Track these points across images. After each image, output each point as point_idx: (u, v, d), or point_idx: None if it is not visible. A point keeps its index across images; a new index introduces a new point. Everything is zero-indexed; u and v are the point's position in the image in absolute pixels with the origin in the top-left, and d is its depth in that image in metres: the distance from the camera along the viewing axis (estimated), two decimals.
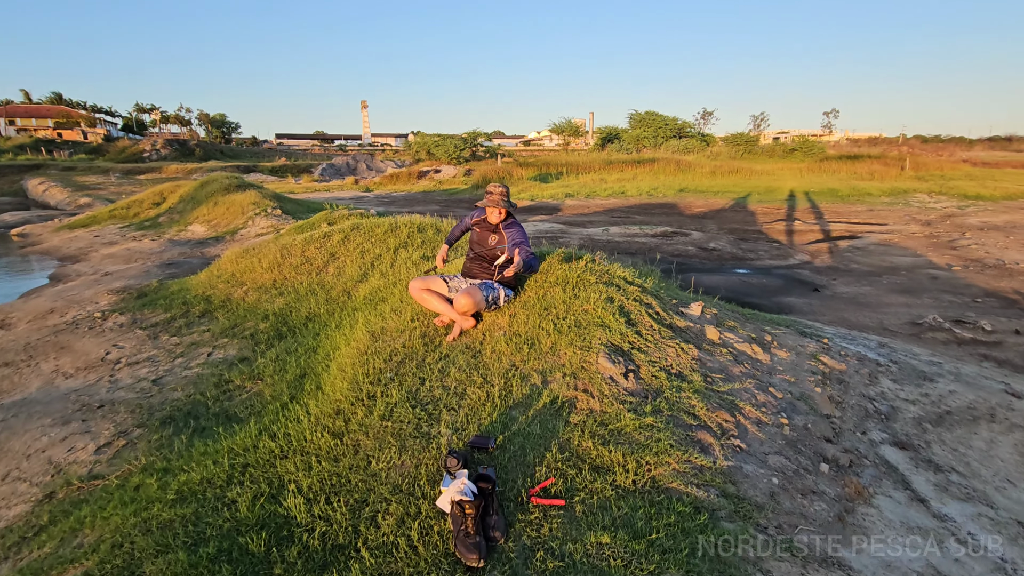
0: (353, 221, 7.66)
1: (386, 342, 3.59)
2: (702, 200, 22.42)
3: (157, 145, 57.04)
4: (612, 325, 3.31)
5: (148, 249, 12.32)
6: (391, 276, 5.60)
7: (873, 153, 38.85)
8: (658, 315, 3.73)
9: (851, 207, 19.41)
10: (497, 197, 3.64)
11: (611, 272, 4.05)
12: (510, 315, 3.55)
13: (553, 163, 36.00)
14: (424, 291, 3.64)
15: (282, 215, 14.40)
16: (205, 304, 6.36)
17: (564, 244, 12.26)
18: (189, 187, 18.50)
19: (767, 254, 11.10)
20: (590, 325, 3.29)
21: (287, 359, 4.34)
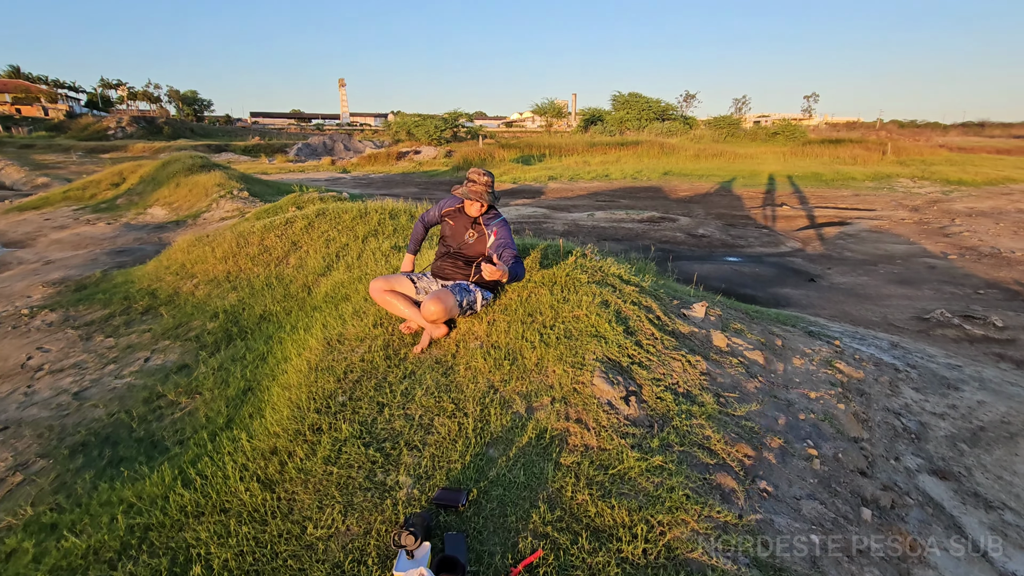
0: (319, 206, 7.01)
1: (342, 353, 3.04)
2: (687, 184, 22.04)
3: (123, 122, 54.57)
4: (608, 335, 2.80)
5: (100, 234, 11.45)
6: (357, 269, 5.01)
7: (852, 137, 38.92)
8: (659, 320, 3.24)
9: (836, 192, 19.20)
10: (481, 188, 3.08)
11: (605, 270, 3.54)
12: (488, 322, 3.02)
13: (535, 145, 35.31)
14: (387, 293, 3.09)
15: (249, 198, 13.57)
16: (150, 299, 5.70)
17: (548, 230, 11.72)
18: (150, 167, 17.42)
19: (757, 241, 10.73)
20: (583, 335, 2.78)
21: (232, 369, 3.76)
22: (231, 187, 14.07)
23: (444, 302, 2.83)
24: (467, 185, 3.11)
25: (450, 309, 2.87)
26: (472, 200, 3.08)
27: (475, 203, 3.09)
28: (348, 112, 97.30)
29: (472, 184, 3.10)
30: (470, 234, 3.13)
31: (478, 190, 3.08)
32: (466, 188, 3.10)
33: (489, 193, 3.09)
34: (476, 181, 3.09)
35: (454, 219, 3.21)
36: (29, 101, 65.15)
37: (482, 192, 3.08)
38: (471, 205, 3.11)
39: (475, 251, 3.11)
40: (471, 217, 3.16)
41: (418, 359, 2.88)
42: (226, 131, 66.36)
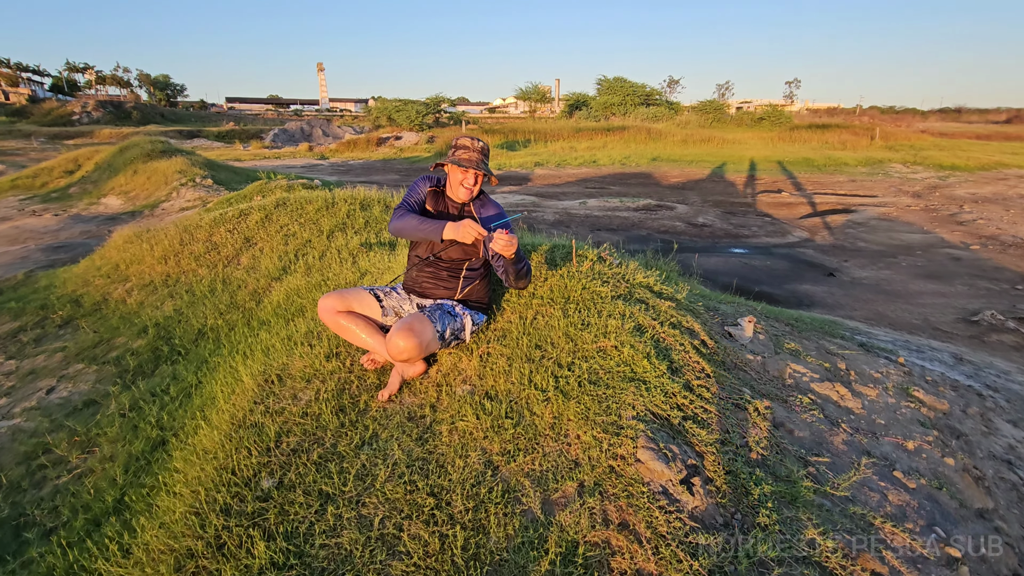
0: (279, 196, 6.09)
1: (281, 400, 2.21)
2: (677, 170, 21.36)
3: (88, 107, 52.12)
4: (649, 377, 2.01)
5: (43, 227, 10.34)
6: (317, 273, 4.15)
7: (836, 122, 38.62)
8: (707, 348, 2.46)
9: (831, 177, 18.65)
10: (475, 155, 2.26)
11: (629, 278, 2.74)
12: (482, 356, 2.21)
13: (520, 130, 34.35)
14: (342, 315, 2.25)
15: (213, 185, 12.50)
16: (71, 308, 4.78)
17: (538, 220, 10.89)
18: (107, 153, 16.17)
19: (762, 230, 10.04)
20: (614, 379, 1.98)
21: (147, 410, 2.90)
22: (194, 174, 12.96)
23: (418, 335, 2.01)
24: (455, 153, 2.27)
25: (426, 344, 2.05)
26: (464, 169, 2.22)
27: (466, 178, 2.25)
28: (327, 97, 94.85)
29: (462, 150, 2.25)
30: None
31: (471, 156, 2.23)
32: (455, 155, 2.26)
33: (484, 163, 2.25)
34: (468, 147, 2.24)
35: (435, 205, 2.38)
36: None
37: (476, 158, 2.23)
38: (459, 182, 2.27)
39: (464, 253, 2.29)
40: (458, 203, 2.33)
41: (384, 412, 2.07)
42: (200, 116, 63.94)
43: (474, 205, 2.35)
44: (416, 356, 2.03)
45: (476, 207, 2.35)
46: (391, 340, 1.99)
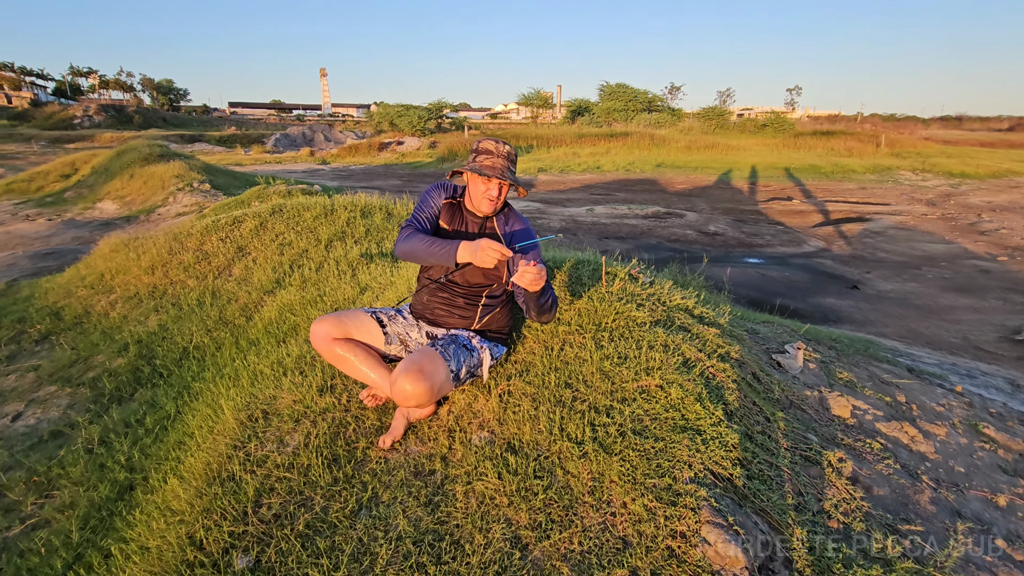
0: (275, 202, 5.78)
1: (265, 445, 1.88)
2: (683, 176, 21.11)
3: (90, 111, 52.03)
4: (704, 425, 1.67)
5: (34, 232, 10.03)
6: (313, 287, 3.83)
7: (838, 129, 38.48)
8: (759, 383, 2.13)
9: (840, 184, 18.35)
10: (501, 162, 1.90)
11: (665, 300, 2.41)
12: (501, 395, 1.88)
13: (522, 136, 34.22)
14: (338, 343, 1.92)
15: (211, 191, 12.20)
16: (51, 321, 4.45)
17: (544, 227, 10.58)
18: (104, 156, 15.90)
19: (776, 239, 9.71)
20: (662, 427, 1.65)
21: (118, 444, 2.57)
22: (191, 179, 12.67)
23: (429, 377, 1.68)
24: (477, 159, 1.91)
25: (439, 388, 1.72)
26: (487, 178, 1.89)
27: (489, 188, 1.91)
28: (330, 103, 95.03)
29: (486, 155, 1.90)
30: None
31: (498, 163, 1.89)
32: (477, 162, 1.90)
33: (511, 171, 1.91)
34: (492, 152, 1.90)
35: (450, 220, 2.05)
36: None
37: (503, 166, 1.90)
38: (482, 194, 1.92)
39: (485, 277, 1.96)
40: (480, 217, 2.00)
41: (385, 463, 1.74)
42: (202, 121, 63.88)
43: (497, 220, 2.02)
44: (426, 402, 1.70)
45: (499, 222, 2.02)
46: (397, 383, 1.66)
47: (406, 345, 2.03)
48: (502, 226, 2.01)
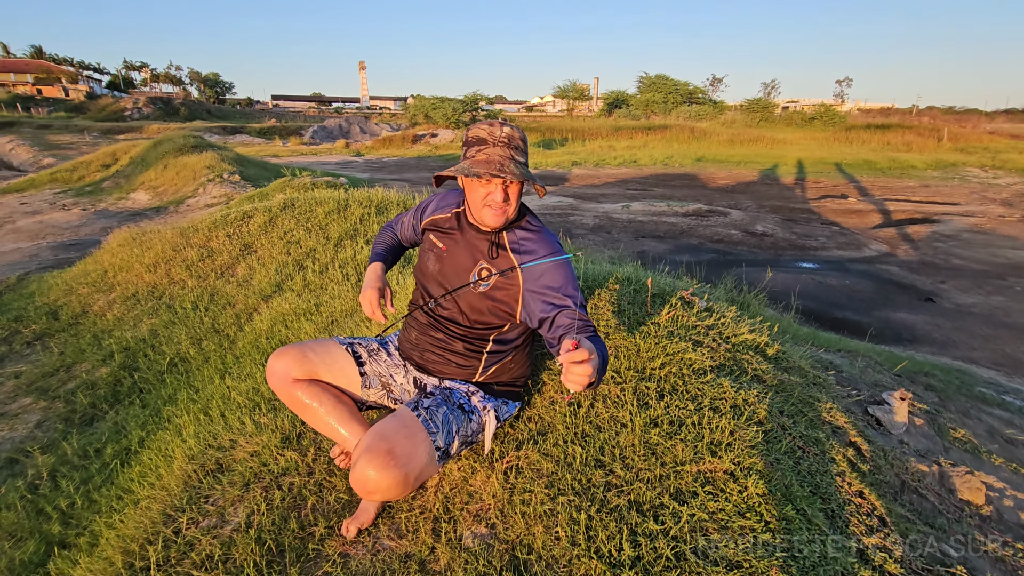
0: (287, 196, 5.42)
1: (203, 522, 1.44)
2: (724, 171, 20.11)
3: (139, 103, 53.89)
4: (802, 540, 1.13)
5: (66, 222, 10.07)
6: (311, 294, 3.41)
7: (893, 123, 36.24)
8: (863, 459, 1.56)
9: (899, 182, 17.04)
10: (499, 152, 1.33)
11: (725, 332, 1.86)
12: (507, 471, 1.39)
13: (557, 129, 33.56)
14: (302, 387, 1.46)
15: (240, 182, 12.09)
16: (47, 321, 4.19)
17: (576, 224, 10.00)
18: (142, 147, 16.10)
19: (831, 242, 8.87)
20: (739, 544, 1.12)
21: (62, 486, 2.19)
22: (222, 170, 12.60)
23: (403, 462, 1.19)
24: (468, 154, 1.37)
25: (416, 475, 1.23)
26: (482, 178, 1.32)
27: (491, 193, 1.35)
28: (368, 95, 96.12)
29: (479, 148, 1.34)
30: (481, 271, 1.45)
31: (494, 156, 1.33)
32: (472, 157, 1.35)
33: (519, 162, 1.34)
34: (487, 140, 1.33)
35: (445, 238, 1.53)
36: (50, 82, 65.08)
37: (503, 160, 1.32)
38: (482, 201, 1.37)
39: (491, 312, 1.44)
40: (486, 231, 1.45)
41: (344, 565, 1.26)
42: (244, 113, 65.41)
43: (509, 238, 1.44)
44: (397, 496, 1.21)
45: (512, 242, 1.43)
46: (357, 467, 1.18)
47: (389, 390, 1.56)
48: (515, 245, 1.42)
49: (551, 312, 1.29)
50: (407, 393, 1.56)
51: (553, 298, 1.32)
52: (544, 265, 1.37)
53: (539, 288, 1.35)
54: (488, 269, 1.42)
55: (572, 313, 1.27)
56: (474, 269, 1.44)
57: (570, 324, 1.23)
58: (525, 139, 1.37)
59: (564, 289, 1.33)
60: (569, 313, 1.27)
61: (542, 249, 1.41)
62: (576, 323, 1.23)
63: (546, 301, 1.32)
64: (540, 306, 1.33)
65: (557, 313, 1.28)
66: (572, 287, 1.35)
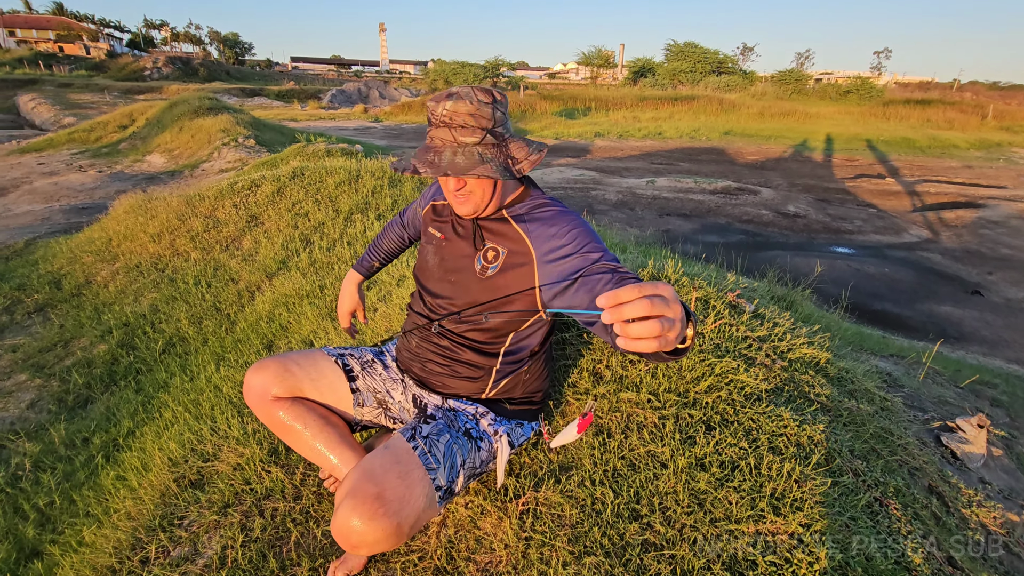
0: (296, 165, 5.17)
1: (170, 553, 1.26)
2: (753, 146, 19.33)
3: (158, 63, 53.61)
4: None
5: (80, 184, 9.99)
6: (319, 272, 3.20)
7: (934, 98, 34.50)
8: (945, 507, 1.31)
9: (940, 162, 16.16)
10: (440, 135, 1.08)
11: (779, 346, 1.59)
12: (523, 514, 1.16)
13: (580, 98, 32.61)
14: (284, 406, 1.25)
15: (255, 147, 11.87)
16: (50, 291, 4.07)
17: (598, 200, 9.63)
18: (158, 108, 15.91)
19: (868, 225, 8.39)
20: None
21: (43, 481, 2.05)
22: (236, 133, 12.37)
23: (394, 510, 0.97)
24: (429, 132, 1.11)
25: (410, 523, 1.00)
26: (416, 172, 1.07)
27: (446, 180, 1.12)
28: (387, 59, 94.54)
29: (428, 128, 1.12)
30: (487, 252, 1.18)
31: (442, 142, 1.08)
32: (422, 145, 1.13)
33: (464, 149, 1.06)
34: (431, 120, 1.09)
35: (444, 225, 1.28)
36: (71, 39, 65.07)
37: (440, 147, 1.07)
38: (449, 192, 1.14)
39: (509, 317, 1.20)
40: (469, 211, 1.17)
41: None
42: (263, 75, 64.85)
43: (512, 214, 1.18)
44: (388, 548, 1.00)
45: (516, 215, 1.17)
46: (339, 516, 0.97)
47: (386, 408, 1.34)
48: (521, 217, 1.17)
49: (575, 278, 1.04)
50: (406, 412, 1.34)
51: (576, 260, 1.06)
52: (559, 230, 1.12)
53: (557, 255, 1.10)
54: (495, 249, 1.17)
55: (604, 267, 1.01)
56: (475, 257, 1.19)
57: (607, 278, 0.97)
58: (486, 107, 1.07)
59: (587, 248, 1.07)
60: (600, 267, 1.01)
61: (558, 218, 1.14)
62: (613, 275, 0.97)
63: (568, 266, 1.07)
64: (563, 278, 1.07)
65: (581, 273, 1.03)
66: (597, 244, 1.08)
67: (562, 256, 1.08)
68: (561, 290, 1.06)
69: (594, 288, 0.98)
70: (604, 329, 0.93)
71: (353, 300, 1.55)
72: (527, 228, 1.15)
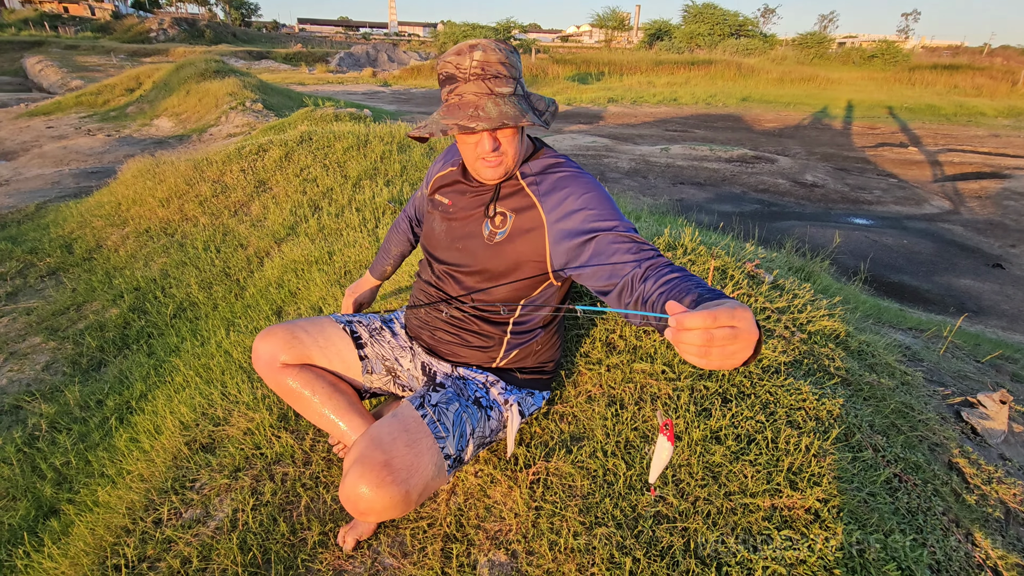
0: (304, 129, 5.08)
1: (183, 514, 1.27)
2: (772, 113, 18.79)
3: (164, 24, 52.69)
4: None
5: (89, 148, 9.95)
6: (328, 238, 3.17)
7: (962, 63, 33.13)
8: (965, 483, 1.29)
9: (966, 130, 15.62)
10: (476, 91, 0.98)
11: (799, 318, 1.55)
12: (533, 485, 1.15)
13: (593, 62, 31.75)
14: (292, 373, 1.23)
15: (263, 111, 11.71)
16: (61, 255, 4.09)
17: (610, 167, 9.45)
18: (164, 71, 15.71)
19: (888, 195, 8.17)
20: None
21: (59, 441, 2.08)
22: (244, 97, 12.21)
23: (402, 477, 0.96)
24: (444, 96, 1.05)
25: (419, 491, 0.99)
26: (465, 130, 0.97)
27: (479, 144, 1.03)
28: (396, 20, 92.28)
29: (451, 88, 1.01)
30: (495, 217, 1.13)
31: (469, 97, 0.98)
32: (440, 112, 1.04)
33: (503, 99, 0.98)
34: (456, 75, 0.99)
35: (450, 191, 1.23)
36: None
37: (479, 101, 0.97)
38: (473, 154, 1.06)
39: (512, 275, 1.14)
40: (487, 187, 1.15)
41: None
42: (270, 37, 63.58)
43: (523, 171, 1.12)
44: (397, 515, 0.99)
45: (527, 176, 1.11)
46: (347, 482, 0.95)
47: (395, 376, 1.32)
48: (533, 183, 1.11)
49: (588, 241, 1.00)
50: (415, 380, 1.32)
51: (590, 228, 1.01)
52: (572, 194, 1.06)
53: (569, 222, 1.04)
54: (502, 213, 1.12)
55: (621, 236, 0.97)
56: (483, 222, 1.15)
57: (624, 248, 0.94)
58: (512, 56, 1.01)
59: (603, 216, 1.02)
60: (616, 237, 0.97)
61: (571, 181, 1.09)
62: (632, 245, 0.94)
63: (581, 232, 1.02)
64: (574, 241, 1.03)
65: (595, 238, 0.99)
66: (612, 210, 1.04)
67: (575, 224, 1.03)
68: (573, 258, 1.02)
69: (610, 260, 0.94)
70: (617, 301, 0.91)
71: (368, 293, 1.59)
72: (538, 191, 1.10)
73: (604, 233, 0.97)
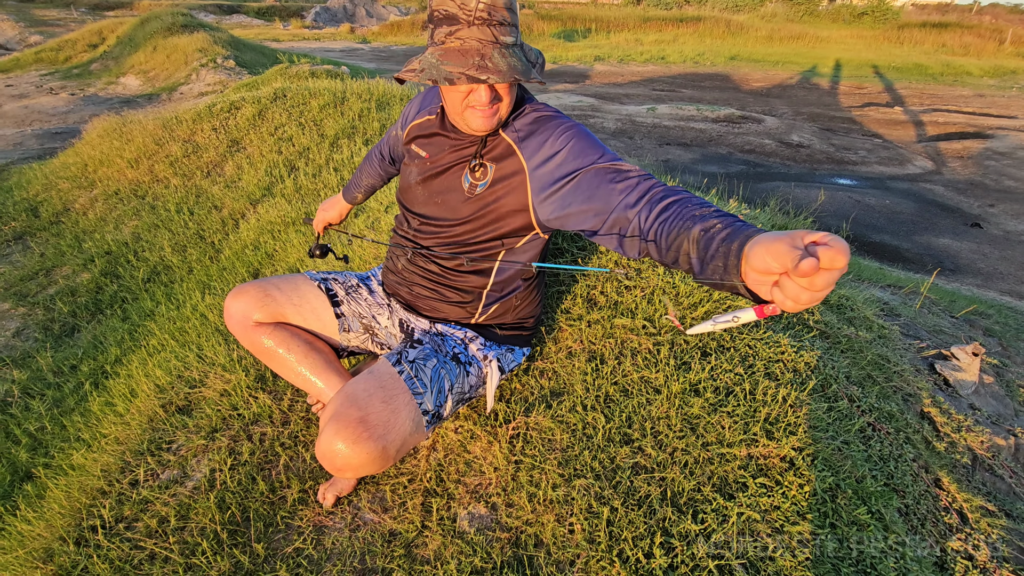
0: (277, 86, 4.87)
1: (160, 475, 1.26)
2: (760, 72, 18.52)
3: None
4: (875, 549, 0.90)
5: (52, 108, 9.50)
6: (308, 196, 3.09)
7: (951, 21, 32.76)
8: (936, 432, 1.31)
9: (951, 90, 15.57)
10: (477, 35, 0.89)
11: None
12: (513, 440, 1.15)
13: (580, 18, 30.80)
14: (266, 331, 1.20)
15: (235, 68, 11.23)
16: (28, 218, 3.94)
17: (596, 127, 9.29)
18: (129, 25, 14.89)
19: (872, 156, 8.17)
20: (798, 557, 0.89)
21: (33, 407, 2.04)
22: (215, 54, 11.66)
23: (379, 433, 0.94)
24: (439, 38, 0.93)
25: (396, 447, 0.97)
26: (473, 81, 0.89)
27: (474, 95, 0.95)
28: None
29: (449, 31, 0.91)
30: (475, 168, 1.07)
31: (472, 42, 0.90)
32: (435, 57, 0.92)
33: (509, 49, 0.92)
34: (461, 18, 0.89)
35: (427, 144, 1.16)
36: None
37: (484, 49, 0.90)
38: (462, 103, 0.98)
39: (492, 228, 1.10)
40: (473, 138, 1.08)
41: (317, 540, 1.08)
42: None
43: (517, 129, 1.06)
44: (374, 471, 0.98)
45: (511, 128, 1.06)
46: (323, 439, 0.94)
47: (373, 334, 1.29)
48: (517, 132, 1.05)
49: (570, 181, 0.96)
50: (393, 337, 1.30)
51: (571, 164, 0.97)
52: (552, 134, 1.01)
53: (551, 164, 1.00)
54: (482, 164, 1.07)
55: (605, 167, 0.92)
56: (461, 175, 1.10)
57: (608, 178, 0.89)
58: (514, 2, 0.95)
59: (584, 150, 0.97)
60: (596, 171, 0.92)
61: (549, 122, 1.04)
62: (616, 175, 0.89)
63: (562, 170, 0.98)
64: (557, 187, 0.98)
65: (576, 177, 0.94)
66: (593, 145, 0.99)
67: (555, 166, 0.99)
68: (555, 194, 0.98)
69: (596, 191, 0.91)
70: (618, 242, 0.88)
71: (336, 211, 1.53)
72: (517, 136, 1.05)
73: (586, 169, 0.94)
